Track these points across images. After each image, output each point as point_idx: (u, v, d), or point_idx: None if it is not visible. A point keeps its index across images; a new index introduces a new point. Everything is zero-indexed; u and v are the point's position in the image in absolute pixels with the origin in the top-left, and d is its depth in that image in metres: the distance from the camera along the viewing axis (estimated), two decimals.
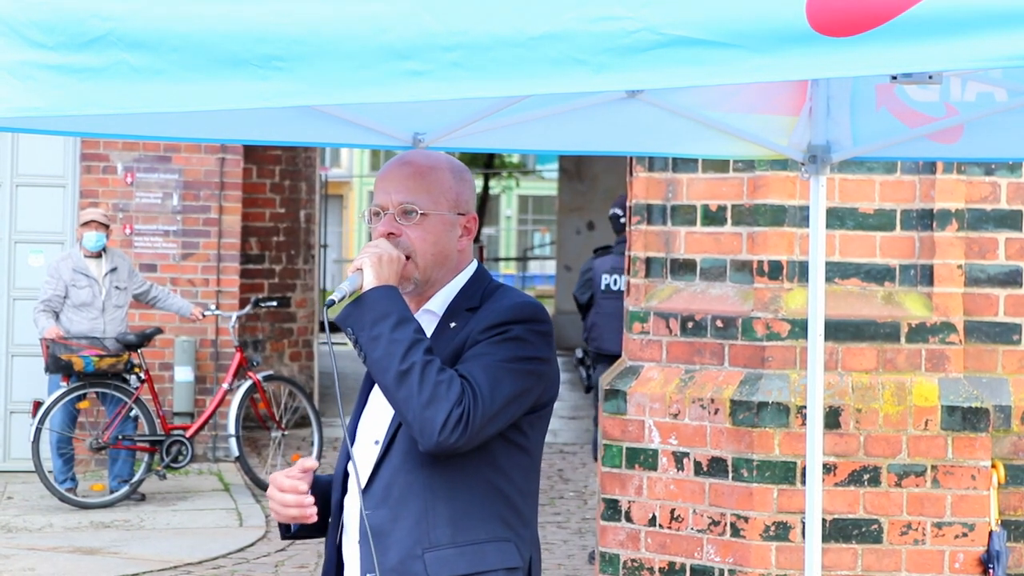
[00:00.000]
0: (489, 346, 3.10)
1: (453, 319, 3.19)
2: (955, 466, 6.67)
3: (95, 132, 4.36)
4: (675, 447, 6.99)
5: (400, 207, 3.19)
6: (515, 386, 3.10)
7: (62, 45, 2.62)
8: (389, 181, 3.21)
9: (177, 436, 10.67)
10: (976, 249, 6.79)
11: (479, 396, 3.03)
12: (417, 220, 3.18)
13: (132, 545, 9.27)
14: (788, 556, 6.72)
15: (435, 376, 3.00)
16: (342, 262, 46.67)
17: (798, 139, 4.74)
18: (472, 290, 3.24)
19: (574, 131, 4.60)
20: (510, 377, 3.08)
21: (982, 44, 2.31)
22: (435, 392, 2.99)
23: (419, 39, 2.49)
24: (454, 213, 3.23)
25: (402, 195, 3.20)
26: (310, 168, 14.07)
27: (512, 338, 3.11)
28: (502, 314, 3.14)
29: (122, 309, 10.60)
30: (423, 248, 3.19)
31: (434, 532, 3.11)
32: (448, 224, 3.22)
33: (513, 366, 3.09)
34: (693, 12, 2.39)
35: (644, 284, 7.32)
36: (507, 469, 3.18)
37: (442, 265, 3.22)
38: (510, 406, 3.10)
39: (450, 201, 3.22)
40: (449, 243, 3.23)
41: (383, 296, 3.07)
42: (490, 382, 3.05)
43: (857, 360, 6.79)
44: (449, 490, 3.12)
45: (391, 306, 3.06)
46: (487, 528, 3.15)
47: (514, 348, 3.11)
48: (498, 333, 3.11)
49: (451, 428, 2.99)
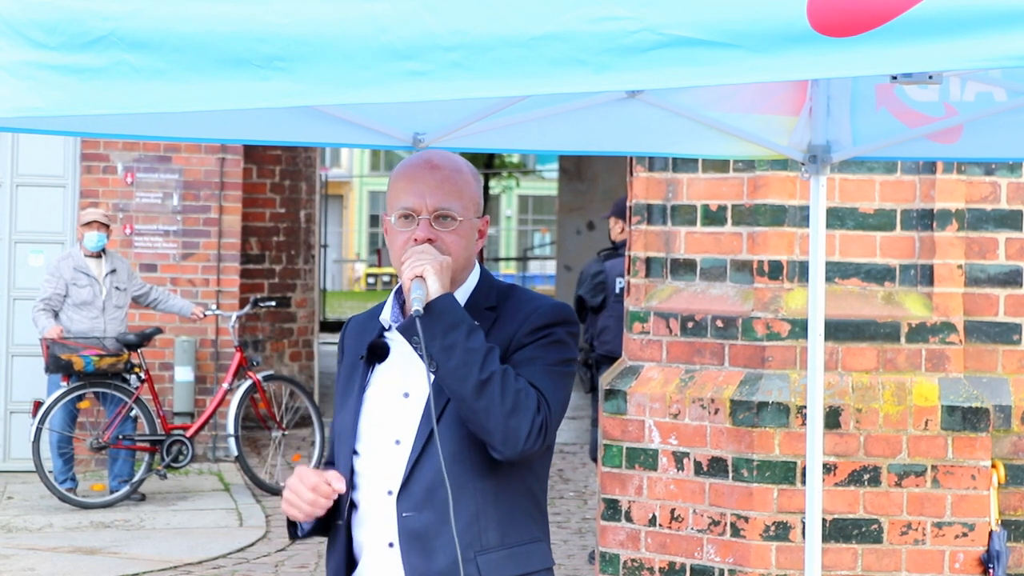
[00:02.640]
0: (539, 350, 3.15)
1: (475, 318, 3.15)
2: (955, 466, 6.67)
3: (95, 132, 4.36)
4: (675, 447, 6.99)
5: (436, 212, 3.17)
6: (566, 389, 3.19)
7: (63, 45, 2.62)
8: (422, 185, 3.18)
9: (177, 436, 10.67)
10: (976, 249, 6.79)
11: (550, 403, 3.11)
12: (454, 227, 3.18)
13: (132, 545, 9.27)
14: (788, 556, 6.72)
15: (514, 385, 3.05)
16: (342, 262, 46.65)
17: (798, 139, 4.74)
18: (485, 289, 3.25)
19: (574, 131, 4.60)
20: (562, 381, 3.16)
21: (982, 44, 2.31)
22: (516, 401, 3.04)
23: (420, 39, 2.49)
24: (477, 217, 3.25)
25: (437, 200, 3.17)
26: (310, 168, 14.07)
27: (556, 341, 3.17)
28: (546, 316, 3.18)
29: (122, 310, 10.61)
30: (457, 253, 3.19)
31: (485, 535, 3.13)
32: (473, 229, 3.24)
33: (560, 369, 3.17)
34: (694, 12, 2.40)
35: (644, 284, 7.32)
36: (537, 469, 3.25)
37: (464, 269, 3.23)
38: (564, 408, 3.18)
39: (476, 205, 3.25)
40: (472, 247, 3.25)
41: (451, 305, 3.07)
42: (552, 388, 3.13)
43: (857, 360, 6.79)
44: (496, 493, 3.15)
45: (460, 314, 3.07)
46: (528, 530, 3.21)
47: (559, 351, 3.17)
48: (544, 336, 3.16)
49: (535, 436, 3.06)
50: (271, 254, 13.74)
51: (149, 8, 2.61)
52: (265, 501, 10.64)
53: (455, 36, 2.47)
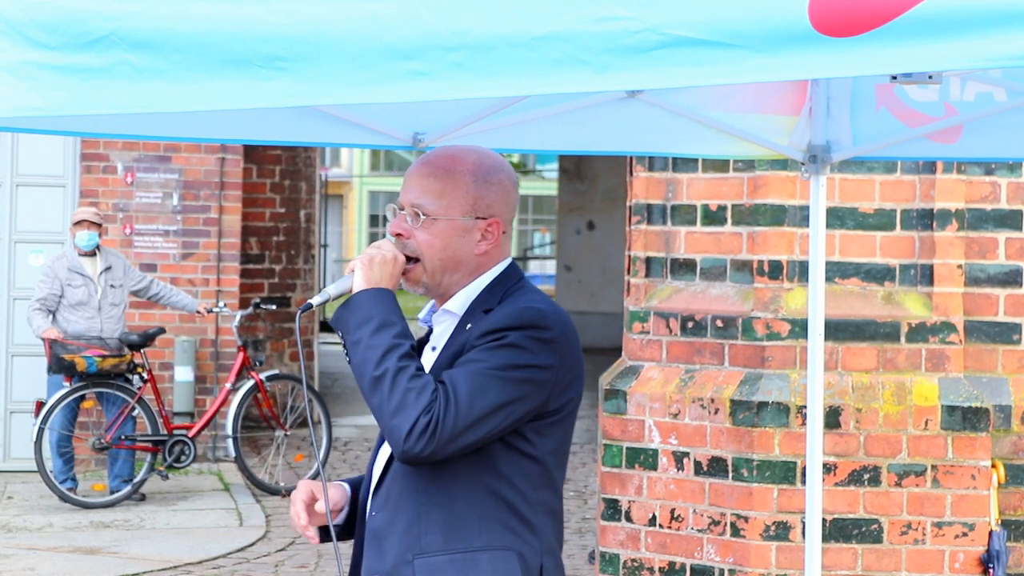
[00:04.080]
0: (481, 352, 3.02)
1: (469, 320, 3.12)
2: (955, 466, 6.68)
3: (96, 132, 4.36)
4: (675, 447, 6.99)
5: (412, 208, 3.13)
6: (503, 395, 2.99)
7: (64, 45, 2.62)
8: (409, 179, 3.14)
9: (179, 436, 10.67)
10: (976, 249, 6.79)
11: (453, 404, 2.95)
12: (424, 223, 3.11)
13: (132, 545, 9.27)
14: (788, 556, 6.72)
15: (406, 383, 2.94)
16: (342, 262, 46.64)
17: (798, 139, 4.74)
18: (494, 291, 3.15)
19: (574, 131, 4.61)
20: (498, 385, 2.99)
21: (982, 44, 2.31)
22: (404, 399, 2.93)
23: (421, 39, 2.49)
24: (470, 218, 3.12)
25: (413, 196, 3.13)
26: (310, 168, 14.07)
27: (506, 345, 3.02)
28: (501, 320, 3.04)
29: (118, 308, 10.60)
30: (430, 253, 3.12)
31: (426, 538, 3.06)
32: (460, 229, 3.13)
33: (504, 374, 2.99)
34: (695, 12, 2.40)
35: (644, 284, 7.32)
36: (510, 476, 3.09)
37: (454, 270, 3.14)
38: (495, 415, 2.99)
39: (465, 206, 3.12)
40: (462, 248, 3.13)
41: (368, 300, 3.03)
42: (471, 390, 2.97)
43: (857, 360, 6.79)
44: (444, 496, 3.05)
45: (374, 310, 3.01)
46: (484, 536, 3.07)
47: (508, 355, 3.01)
48: (493, 339, 3.02)
49: (416, 436, 2.92)
50: (271, 254, 13.74)
51: (150, 8, 2.61)
52: (265, 501, 10.64)
53: (456, 36, 2.47)
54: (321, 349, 14.89)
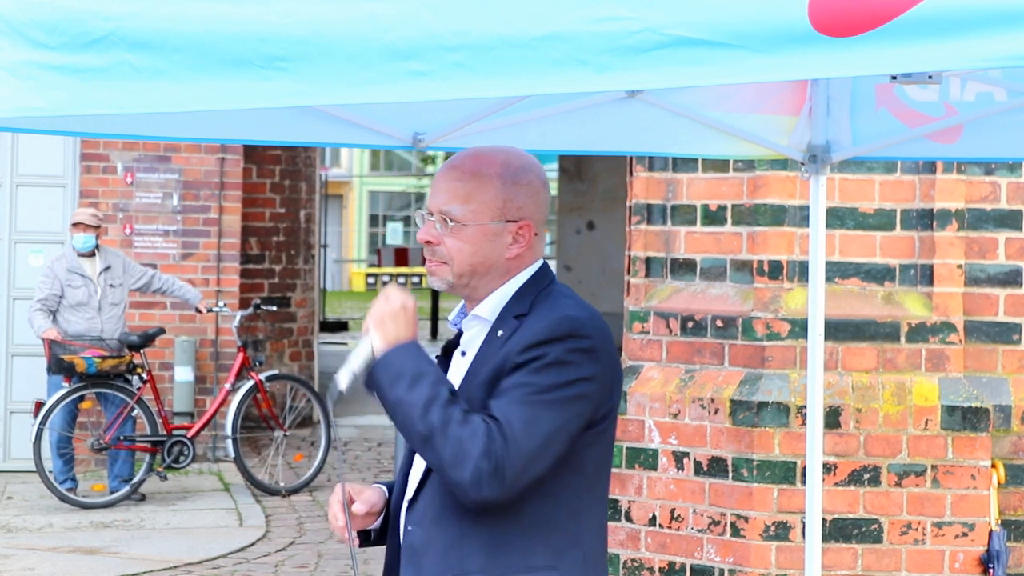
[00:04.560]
0: (527, 375, 2.92)
1: (501, 327, 3.04)
2: (955, 466, 6.68)
3: (96, 132, 4.37)
4: (675, 447, 6.99)
5: (440, 215, 3.05)
6: (558, 418, 2.92)
7: (64, 45, 2.62)
8: (436, 183, 3.07)
9: (179, 436, 10.67)
10: (976, 249, 6.79)
11: (511, 440, 2.87)
12: (452, 230, 3.03)
13: (132, 545, 9.27)
14: (788, 556, 6.72)
15: (456, 432, 2.87)
16: (342, 262, 46.66)
17: (798, 139, 4.74)
18: (524, 295, 3.07)
19: (574, 131, 4.61)
20: (551, 410, 2.91)
21: (982, 44, 2.31)
22: (458, 450, 2.86)
23: (421, 39, 2.49)
24: (500, 221, 3.04)
25: (442, 202, 3.05)
26: (310, 168, 14.07)
27: (550, 364, 2.92)
28: (540, 332, 2.95)
29: (118, 307, 10.59)
30: (460, 258, 3.04)
31: (467, 560, 2.98)
32: (491, 233, 3.05)
33: (553, 396, 2.92)
34: (695, 13, 2.40)
35: (644, 284, 7.32)
36: (557, 492, 3.02)
37: (484, 274, 3.07)
38: (554, 440, 2.92)
39: (494, 210, 3.04)
40: (493, 252, 3.05)
41: (393, 358, 2.96)
42: (525, 421, 2.89)
43: (857, 360, 6.79)
44: (488, 518, 2.96)
45: (402, 366, 2.94)
46: (527, 558, 2.99)
47: (554, 375, 2.92)
48: (535, 359, 2.93)
49: (483, 484, 2.86)
50: (271, 254, 13.74)
51: (150, 8, 2.61)
52: (265, 501, 10.63)
53: (456, 36, 2.47)
54: (321, 349, 14.88)
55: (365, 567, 8.69)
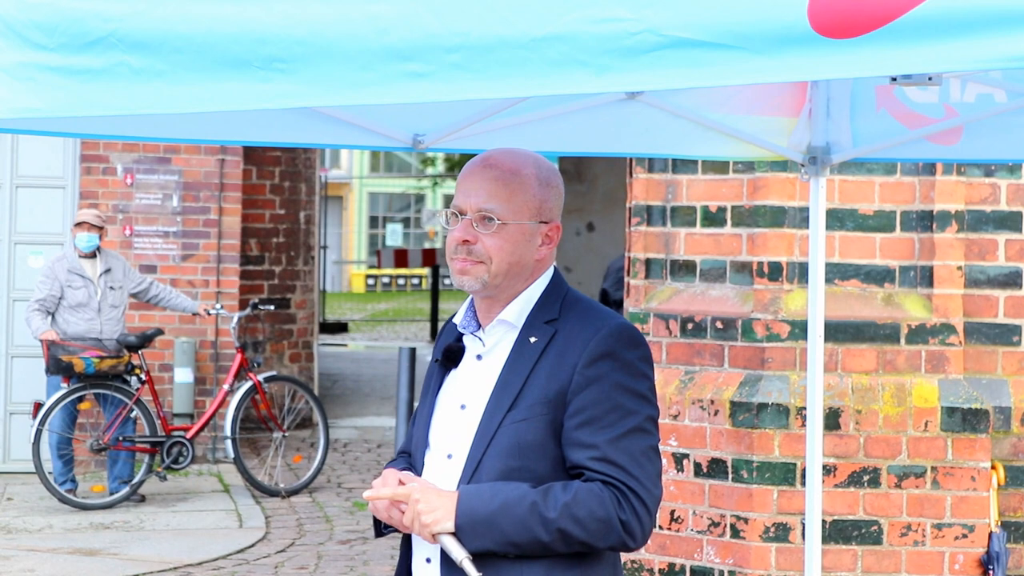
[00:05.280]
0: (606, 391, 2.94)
1: (532, 333, 3.04)
2: (955, 467, 6.67)
3: (95, 133, 4.36)
4: (675, 448, 6.99)
5: (479, 213, 3.01)
6: (652, 439, 2.98)
7: (63, 46, 2.62)
8: (471, 182, 3.04)
9: (178, 437, 10.67)
10: (976, 250, 6.79)
11: (632, 476, 2.92)
12: (495, 229, 3.01)
13: (132, 546, 9.27)
14: (788, 557, 6.72)
15: (577, 513, 2.88)
16: (342, 263, 46.66)
17: (798, 140, 4.74)
18: (550, 300, 3.08)
19: (574, 132, 4.60)
20: (640, 433, 2.96)
21: (982, 45, 2.31)
22: (593, 525, 2.89)
23: (421, 40, 2.48)
24: (535, 222, 3.06)
25: (482, 200, 3.02)
26: (310, 169, 14.07)
27: (628, 374, 2.96)
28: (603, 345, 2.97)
29: (118, 309, 10.59)
30: (499, 258, 3.02)
31: (528, 572, 2.95)
32: (528, 233, 3.05)
33: (639, 416, 2.96)
34: (695, 14, 2.39)
35: (644, 285, 7.32)
36: None
37: (517, 275, 3.06)
38: (656, 452, 2.98)
39: (532, 210, 3.05)
40: (527, 253, 3.06)
41: (470, 520, 2.92)
42: (628, 451, 2.93)
43: (857, 361, 6.79)
44: None
45: (484, 513, 2.91)
46: (582, 568, 2.99)
47: (632, 384, 2.97)
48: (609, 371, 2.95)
49: (635, 531, 2.93)
50: (271, 255, 13.74)
51: (149, 9, 2.60)
52: (265, 502, 10.63)
53: (456, 37, 2.47)
54: (321, 351, 14.87)
55: (365, 568, 8.68)
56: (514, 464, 2.97)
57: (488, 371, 3.05)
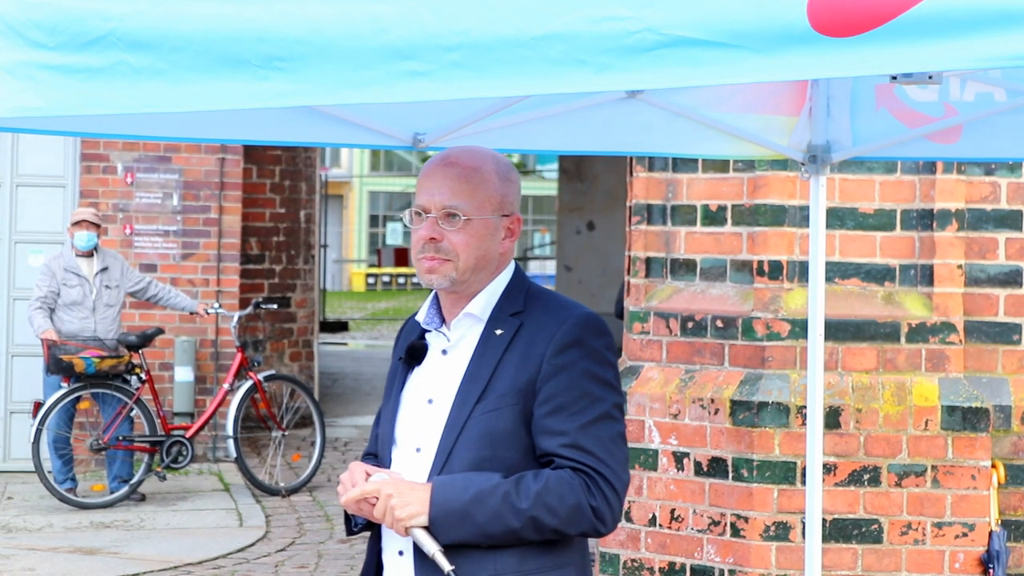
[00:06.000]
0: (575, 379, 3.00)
1: (498, 325, 3.09)
2: (955, 466, 6.67)
3: (95, 132, 4.36)
4: (675, 447, 6.99)
5: (443, 210, 3.07)
6: (619, 425, 3.05)
7: (63, 45, 2.62)
8: (433, 181, 3.10)
9: (177, 436, 10.66)
10: (976, 249, 6.79)
11: (601, 462, 2.99)
12: (461, 225, 3.07)
13: (132, 545, 9.27)
14: (788, 556, 6.72)
15: (548, 500, 2.94)
16: (342, 262, 46.66)
17: (798, 139, 4.74)
18: (514, 293, 3.14)
19: (574, 131, 4.60)
20: (608, 420, 3.03)
21: (982, 44, 2.31)
22: (564, 512, 2.96)
23: (420, 39, 2.48)
24: (498, 216, 3.11)
25: (446, 198, 3.08)
26: (310, 168, 14.07)
27: (594, 361, 3.02)
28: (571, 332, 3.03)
29: (114, 309, 10.58)
30: (466, 253, 3.07)
31: (500, 561, 3.01)
32: (491, 228, 3.11)
33: (606, 392, 3.03)
34: (695, 13, 2.39)
35: (644, 284, 7.32)
36: None
37: (483, 269, 3.11)
38: (623, 439, 3.06)
39: (494, 204, 3.10)
40: (492, 247, 3.11)
41: (444, 514, 2.96)
42: (597, 438, 3.00)
43: (857, 360, 6.79)
44: None
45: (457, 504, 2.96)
46: (552, 556, 3.06)
47: (599, 371, 3.03)
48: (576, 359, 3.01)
49: (606, 517, 2.99)
50: (271, 254, 13.74)
51: (148, 8, 2.60)
52: (265, 501, 10.63)
53: (456, 36, 2.47)
54: (321, 349, 14.87)
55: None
56: (485, 454, 3.02)
57: (455, 365, 3.10)
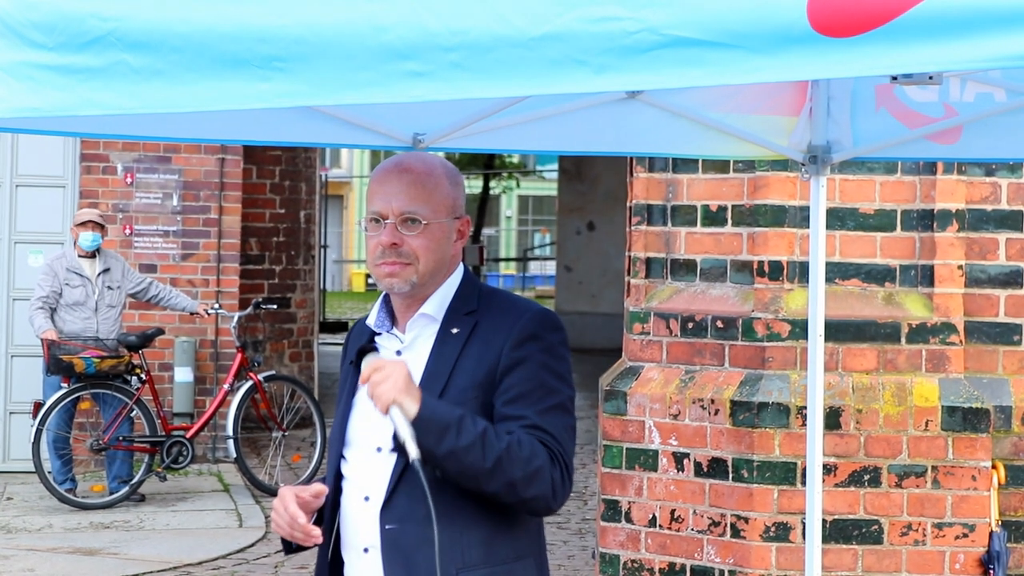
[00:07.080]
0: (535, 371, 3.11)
1: (453, 324, 3.16)
2: (955, 467, 6.67)
3: (94, 132, 4.36)
4: (675, 448, 6.98)
5: (402, 216, 3.15)
6: (571, 418, 3.16)
7: (62, 46, 2.62)
8: (389, 187, 3.17)
9: (177, 437, 10.66)
10: (976, 249, 6.79)
11: (560, 441, 3.10)
12: (420, 230, 3.14)
13: (132, 546, 9.26)
14: (788, 557, 6.72)
15: (519, 453, 3.03)
16: (342, 262, 46.66)
17: (798, 139, 4.74)
18: (467, 292, 3.21)
19: (574, 131, 4.60)
20: (563, 407, 3.14)
21: (982, 44, 2.30)
22: (528, 469, 3.03)
23: (420, 39, 2.48)
24: (451, 218, 3.19)
25: (404, 204, 3.15)
26: (310, 168, 14.07)
27: (551, 356, 3.13)
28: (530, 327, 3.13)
29: (115, 309, 10.59)
30: (425, 257, 3.15)
31: (469, 552, 3.09)
32: (447, 231, 3.18)
33: (562, 394, 3.14)
34: (694, 13, 2.39)
35: (644, 284, 7.32)
36: None
37: (440, 271, 3.19)
38: (574, 437, 3.17)
39: (448, 207, 3.18)
40: (447, 249, 3.19)
41: (430, 415, 3.00)
42: (558, 419, 3.11)
43: (857, 360, 6.79)
44: (485, 513, 3.11)
45: (440, 418, 3.00)
46: (516, 547, 3.17)
47: (555, 365, 3.14)
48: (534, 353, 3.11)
49: (559, 491, 3.09)
50: (271, 255, 13.74)
51: (148, 8, 2.60)
52: (265, 502, 10.63)
53: (455, 36, 2.47)
54: (321, 349, 14.87)
55: None
56: None
57: (411, 364, 3.13)
